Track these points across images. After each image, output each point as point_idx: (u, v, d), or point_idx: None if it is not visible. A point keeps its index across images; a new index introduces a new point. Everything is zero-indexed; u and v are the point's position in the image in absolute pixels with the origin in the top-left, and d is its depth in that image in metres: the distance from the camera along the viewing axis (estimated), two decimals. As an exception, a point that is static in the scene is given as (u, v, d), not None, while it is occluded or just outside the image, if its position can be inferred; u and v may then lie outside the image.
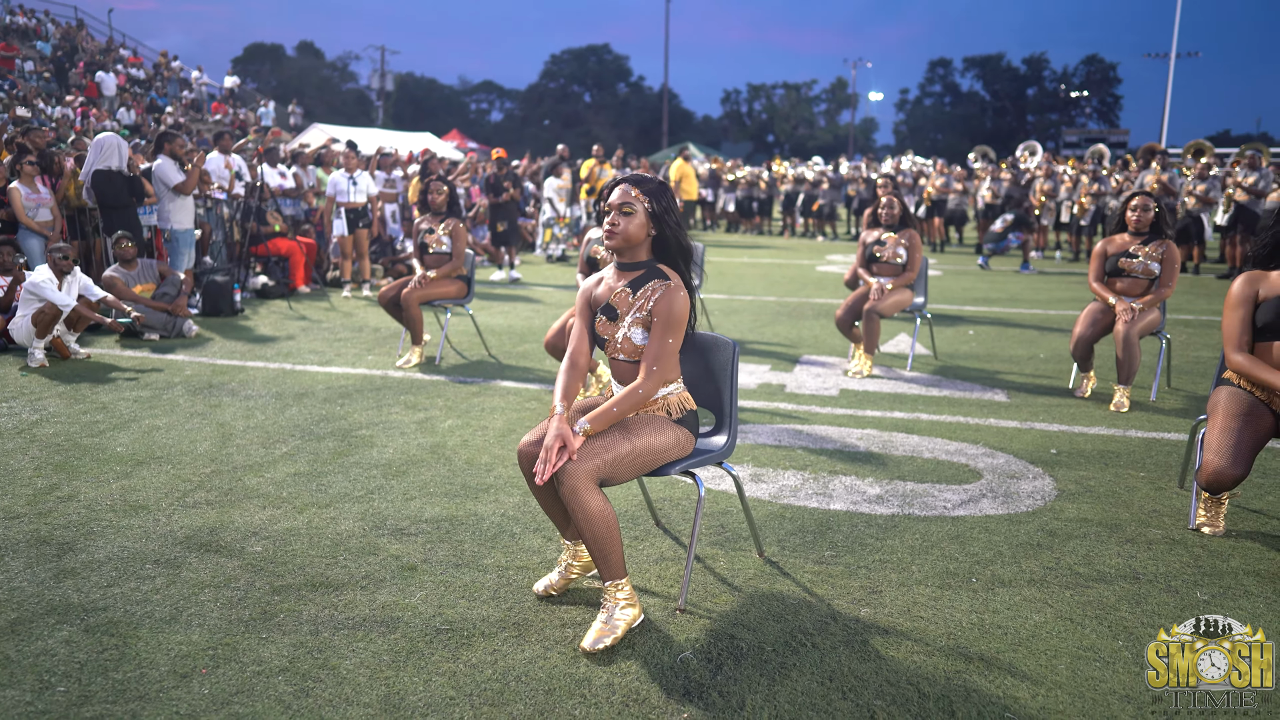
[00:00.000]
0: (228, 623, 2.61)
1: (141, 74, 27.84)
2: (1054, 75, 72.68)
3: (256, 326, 7.71)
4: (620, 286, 2.74)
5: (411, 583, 2.90)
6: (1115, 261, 5.29)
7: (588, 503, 2.50)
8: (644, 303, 2.69)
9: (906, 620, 2.72)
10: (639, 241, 2.70)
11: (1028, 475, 4.04)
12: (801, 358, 6.64)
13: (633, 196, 2.66)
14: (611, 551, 2.57)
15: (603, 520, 2.53)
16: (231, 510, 3.50)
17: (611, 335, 2.74)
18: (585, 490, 2.51)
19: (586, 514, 2.51)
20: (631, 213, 2.66)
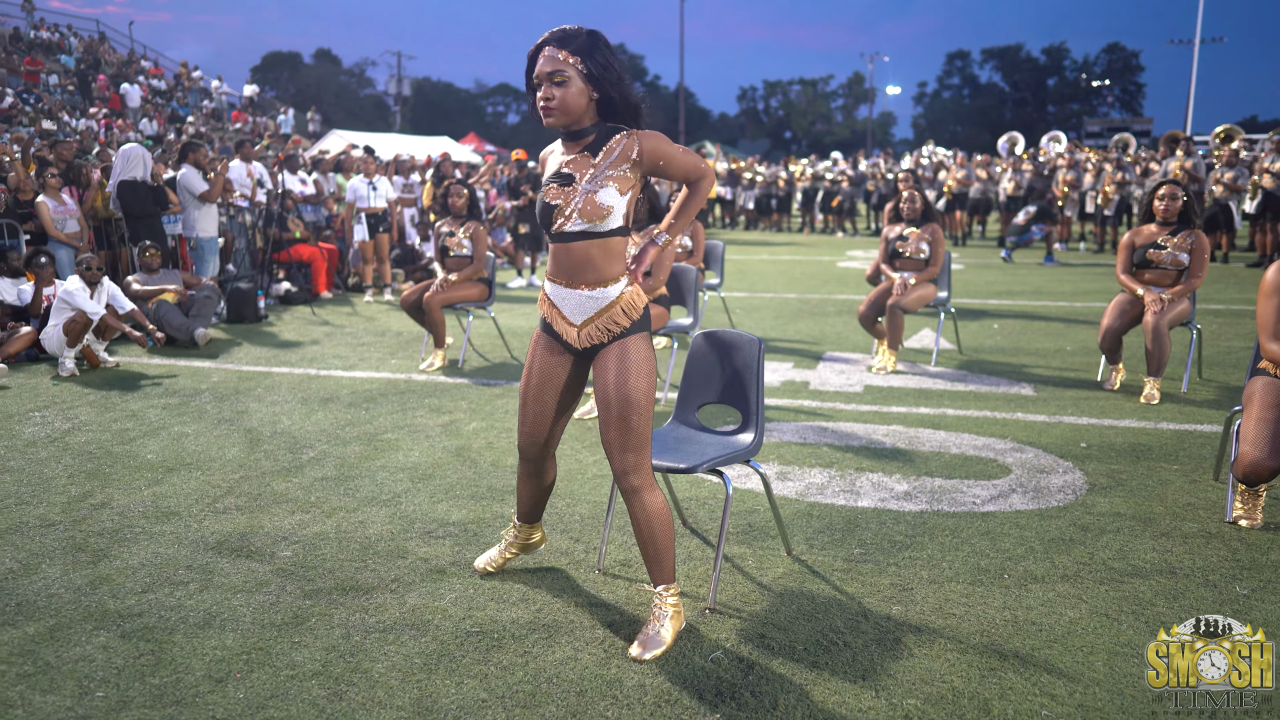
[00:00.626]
0: (260, 627, 2.63)
1: (163, 85, 28.19)
2: (1074, 65, 71.81)
3: (280, 332, 7.78)
4: (574, 155, 2.47)
5: (441, 585, 2.91)
6: (1143, 253, 5.21)
7: (650, 502, 2.51)
8: (611, 159, 2.43)
9: (939, 618, 2.69)
10: (581, 110, 2.40)
11: (1058, 470, 3.99)
12: (825, 354, 6.60)
13: (562, 60, 2.35)
14: (667, 553, 2.56)
15: (663, 519, 2.53)
16: (261, 515, 3.53)
17: (565, 201, 2.43)
18: (650, 489, 2.52)
19: (649, 514, 2.51)
20: (565, 80, 2.36)
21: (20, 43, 26.70)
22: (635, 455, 2.49)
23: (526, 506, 2.92)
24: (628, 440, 2.47)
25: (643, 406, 2.49)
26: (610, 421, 2.48)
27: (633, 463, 2.49)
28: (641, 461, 2.50)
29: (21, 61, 24.58)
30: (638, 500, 2.51)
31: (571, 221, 2.44)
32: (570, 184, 2.44)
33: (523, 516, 2.95)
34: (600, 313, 2.50)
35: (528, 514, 2.94)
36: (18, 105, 20.52)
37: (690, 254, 7.00)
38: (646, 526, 2.52)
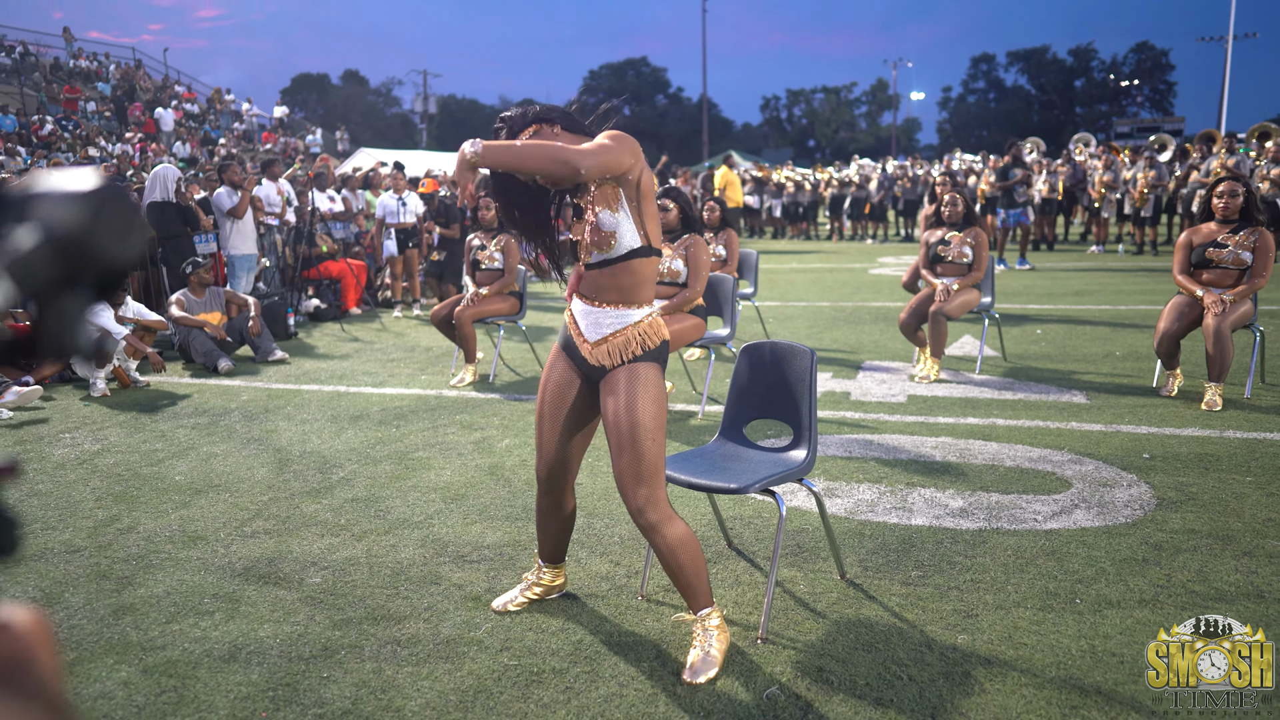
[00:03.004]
0: (288, 660, 2.51)
1: (196, 108, 28.65)
2: (1102, 65, 70.81)
3: (310, 349, 7.73)
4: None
5: (476, 614, 2.77)
6: (1202, 252, 4.97)
7: (670, 533, 2.37)
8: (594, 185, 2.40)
9: (1008, 647, 2.50)
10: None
11: (1121, 482, 3.77)
12: (864, 364, 6.40)
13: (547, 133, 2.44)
14: (699, 578, 2.42)
15: (688, 547, 2.39)
16: (290, 539, 3.42)
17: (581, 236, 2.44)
18: (668, 521, 2.37)
19: (671, 547, 2.37)
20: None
21: (60, 72, 27.29)
22: (648, 489, 2.35)
23: (550, 544, 2.78)
24: (640, 469, 2.34)
25: (653, 431, 2.37)
26: (621, 448, 2.36)
27: (646, 497, 2.35)
28: (655, 494, 2.37)
29: (61, 90, 25.11)
30: (658, 537, 2.37)
31: (590, 255, 2.44)
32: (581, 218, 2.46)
33: (545, 556, 2.80)
34: (617, 333, 2.42)
35: (551, 553, 2.80)
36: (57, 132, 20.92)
37: (725, 263, 6.85)
38: (672, 559, 2.39)
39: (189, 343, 6.92)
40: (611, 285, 2.41)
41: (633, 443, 2.34)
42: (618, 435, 2.36)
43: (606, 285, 2.42)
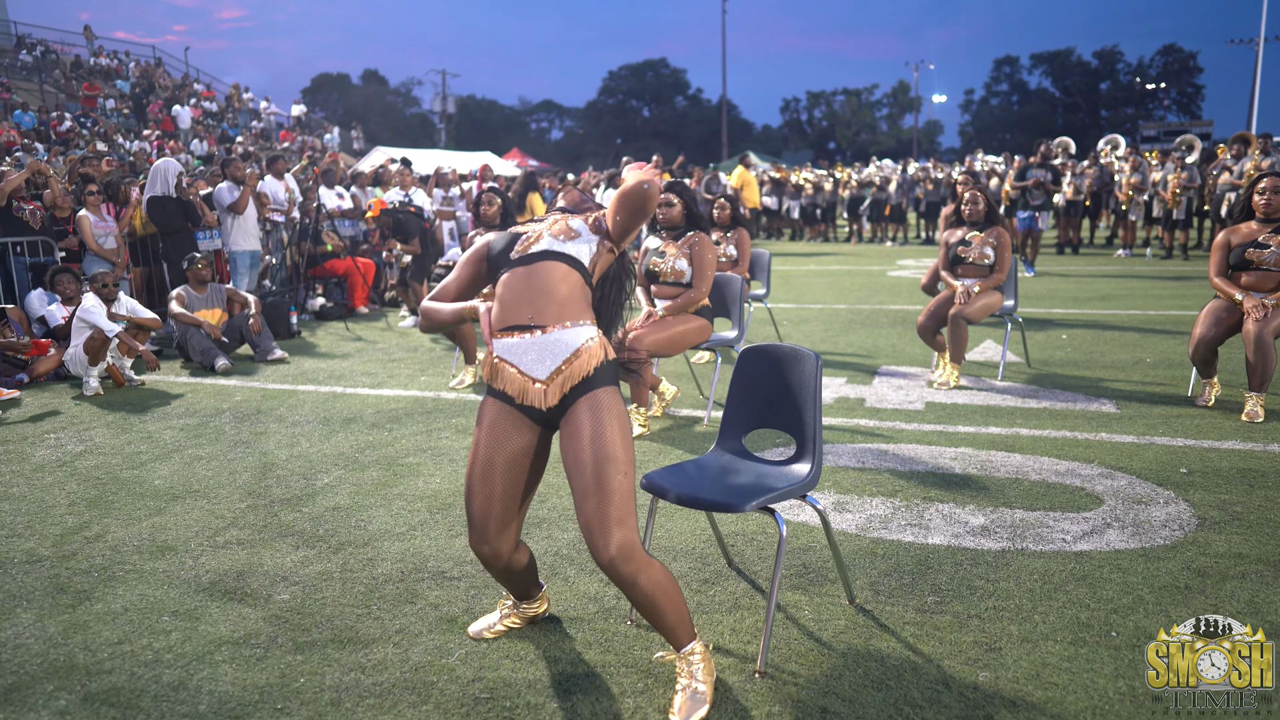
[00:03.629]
0: (241, 689, 2.29)
1: (214, 107, 28.73)
2: (1128, 68, 69.77)
3: (312, 348, 7.56)
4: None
5: (450, 639, 2.55)
6: (1241, 253, 4.67)
7: (647, 582, 2.09)
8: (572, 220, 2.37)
9: (1036, 687, 2.24)
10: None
11: (1158, 500, 3.50)
12: (880, 368, 6.14)
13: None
14: (680, 617, 2.17)
15: (667, 591, 2.13)
16: (263, 551, 3.21)
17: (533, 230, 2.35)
18: (644, 569, 2.09)
19: (648, 594, 2.10)
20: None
21: (80, 69, 27.46)
22: (621, 533, 2.05)
23: (517, 590, 2.51)
24: (608, 510, 2.05)
25: (624, 464, 2.12)
26: (586, 492, 2.08)
27: (619, 544, 2.04)
28: (629, 539, 2.06)
29: (80, 87, 25.25)
30: (635, 589, 2.09)
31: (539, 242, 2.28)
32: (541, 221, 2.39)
33: (518, 597, 2.55)
34: (569, 360, 2.17)
35: (522, 595, 2.54)
36: (75, 129, 21.00)
37: (735, 263, 6.60)
38: (651, 608, 2.12)
39: (187, 340, 6.76)
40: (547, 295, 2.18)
41: (599, 482, 2.08)
42: (582, 477, 2.10)
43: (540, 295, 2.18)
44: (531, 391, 2.19)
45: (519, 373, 2.19)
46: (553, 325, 2.16)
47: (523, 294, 2.19)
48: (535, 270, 2.21)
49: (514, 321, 2.18)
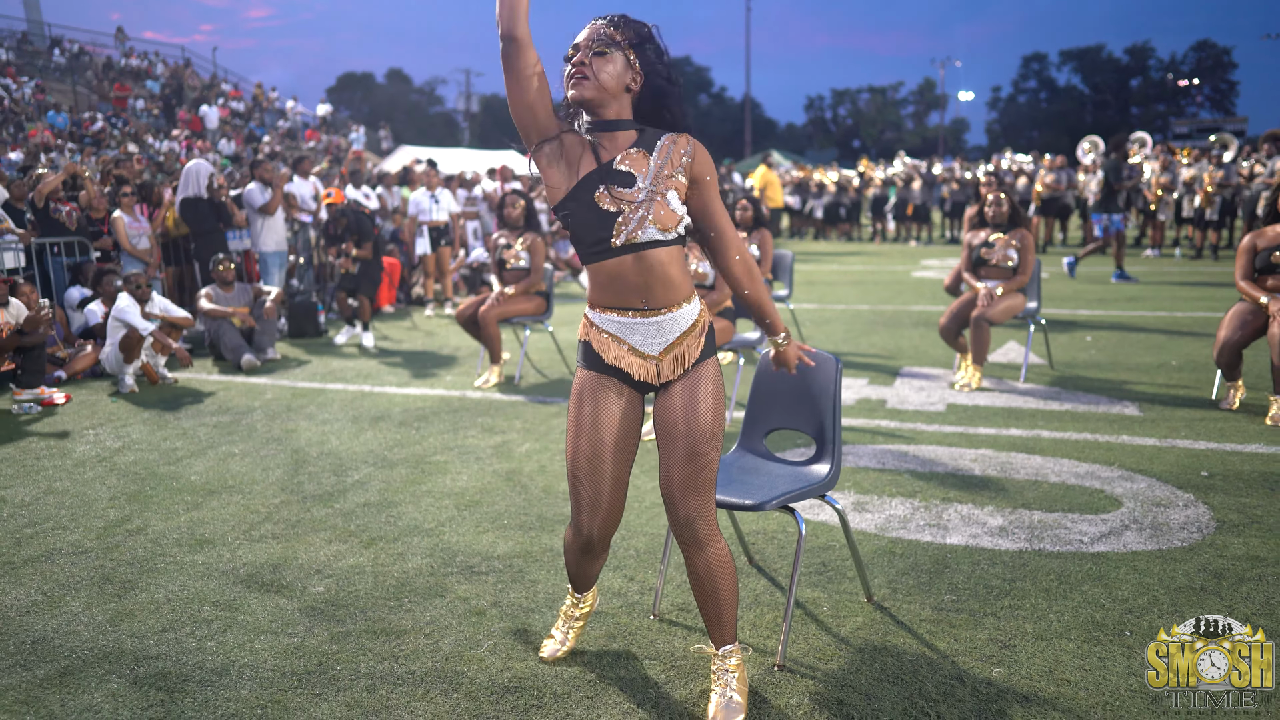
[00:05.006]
0: (280, 675, 2.40)
1: (241, 106, 29.15)
2: (1160, 64, 68.76)
3: (339, 348, 7.70)
4: (623, 150, 2.08)
5: (479, 630, 2.64)
6: (1267, 256, 4.66)
7: (714, 553, 2.15)
8: (673, 159, 2.09)
9: (1049, 684, 2.29)
10: (616, 92, 2.07)
11: (1177, 503, 3.52)
12: (902, 370, 6.17)
13: (608, 36, 2.04)
14: (731, 609, 2.21)
15: (728, 572, 2.18)
16: (297, 544, 3.32)
17: (629, 207, 2.04)
18: (714, 539, 2.15)
19: (712, 568, 2.14)
20: (605, 53, 2.03)
21: (111, 71, 27.96)
22: (701, 499, 2.11)
23: (590, 581, 2.47)
24: (697, 479, 2.09)
25: (714, 435, 2.13)
26: (675, 458, 2.11)
27: (698, 508, 2.10)
28: (707, 506, 2.13)
29: (111, 88, 25.71)
30: (701, 555, 2.14)
31: (644, 229, 2.04)
32: (631, 185, 2.05)
33: (581, 587, 2.49)
34: (681, 337, 2.14)
35: (588, 584, 2.49)
36: (106, 129, 21.41)
37: (758, 264, 6.65)
38: (709, 582, 2.16)
39: (219, 338, 6.93)
40: (660, 281, 2.07)
41: (691, 453, 2.09)
42: (672, 444, 2.12)
43: (653, 282, 2.07)
44: (645, 367, 2.15)
45: (630, 350, 2.15)
46: (666, 308, 2.12)
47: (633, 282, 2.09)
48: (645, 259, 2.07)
49: (626, 305, 2.12)
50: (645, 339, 2.13)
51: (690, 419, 2.12)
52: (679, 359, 2.15)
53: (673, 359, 2.14)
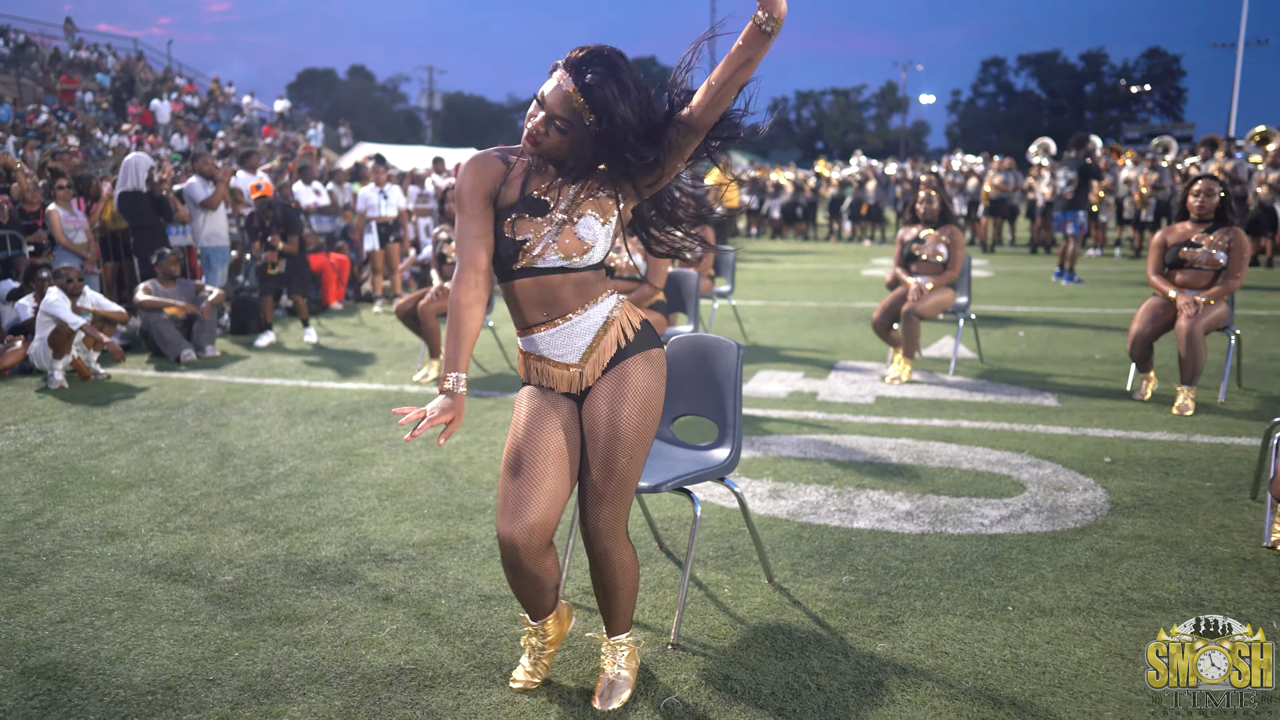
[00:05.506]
0: (175, 662, 2.41)
1: (196, 101, 28.65)
2: (1113, 70, 70.38)
3: (282, 344, 7.64)
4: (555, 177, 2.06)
5: (384, 616, 2.67)
6: (1176, 252, 4.84)
7: (619, 559, 2.15)
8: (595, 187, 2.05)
9: (929, 656, 2.38)
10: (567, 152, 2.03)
11: (1077, 487, 3.65)
12: (837, 364, 6.28)
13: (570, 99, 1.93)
14: (628, 605, 2.23)
15: (630, 574, 2.18)
16: (211, 535, 3.32)
17: (534, 235, 2.03)
18: (621, 549, 2.14)
19: (614, 569, 2.15)
20: (565, 128, 1.97)
21: (59, 63, 27.32)
22: (613, 509, 2.07)
23: (535, 605, 2.22)
24: (608, 488, 2.06)
25: (633, 446, 2.06)
26: (591, 464, 2.08)
27: (608, 519, 2.07)
28: (617, 517, 2.09)
29: (58, 80, 25.13)
30: (605, 559, 2.13)
31: (546, 256, 2.03)
32: (544, 213, 2.04)
33: (535, 614, 2.25)
34: (598, 338, 2.09)
35: (539, 609, 2.23)
36: (52, 122, 20.93)
37: (697, 260, 6.73)
38: (610, 582, 2.17)
39: (155, 333, 6.84)
40: (557, 296, 2.06)
41: (607, 458, 2.06)
42: (593, 445, 2.08)
43: (561, 295, 2.06)
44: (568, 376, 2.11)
45: (553, 364, 2.11)
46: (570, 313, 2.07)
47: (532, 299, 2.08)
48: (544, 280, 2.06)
49: (531, 321, 2.10)
50: (560, 349, 2.09)
51: (609, 427, 2.06)
52: (598, 360, 2.10)
53: (593, 362, 2.09)
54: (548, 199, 2.04)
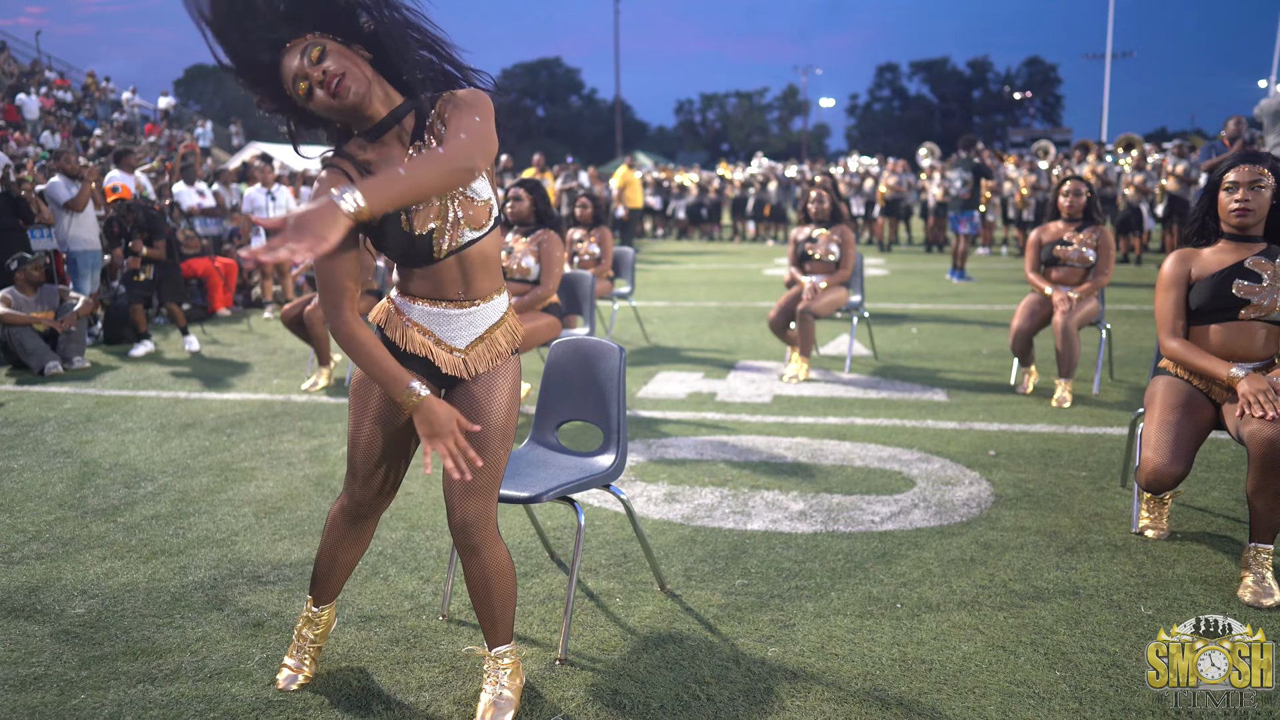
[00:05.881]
0: (9, 711, 2.18)
1: (69, 96, 26.88)
2: (998, 77, 73.99)
3: (161, 353, 7.19)
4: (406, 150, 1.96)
5: (253, 644, 2.50)
6: (1050, 250, 5.05)
7: (491, 558, 2.06)
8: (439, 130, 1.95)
9: (819, 659, 2.38)
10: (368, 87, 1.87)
11: (964, 480, 3.75)
12: (737, 364, 6.32)
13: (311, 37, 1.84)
14: (507, 613, 2.14)
15: (506, 578, 2.10)
16: (64, 564, 3.06)
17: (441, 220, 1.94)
18: (492, 543, 2.06)
19: (489, 574, 2.06)
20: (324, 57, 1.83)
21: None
22: (481, 502, 2.02)
23: (340, 582, 2.30)
24: (478, 480, 2.00)
25: (501, 436, 2.04)
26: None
27: (477, 513, 2.01)
28: (487, 510, 2.03)
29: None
30: (476, 560, 2.05)
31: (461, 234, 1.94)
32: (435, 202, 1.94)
33: (328, 596, 2.30)
34: (490, 330, 2.07)
35: (335, 591, 2.31)
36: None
37: (598, 262, 6.67)
38: (484, 587, 2.08)
39: (16, 343, 6.33)
40: (480, 270, 2.00)
41: (479, 448, 2.00)
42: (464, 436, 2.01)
43: (474, 273, 1.99)
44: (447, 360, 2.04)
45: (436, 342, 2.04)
46: (482, 299, 2.04)
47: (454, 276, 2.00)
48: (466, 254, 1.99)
49: (444, 296, 2.02)
50: (454, 331, 2.03)
51: (486, 417, 2.03)
52: (487, 352, 2.06)
53: (480, 352, 2.06)
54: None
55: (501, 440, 2.05)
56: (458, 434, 1.91)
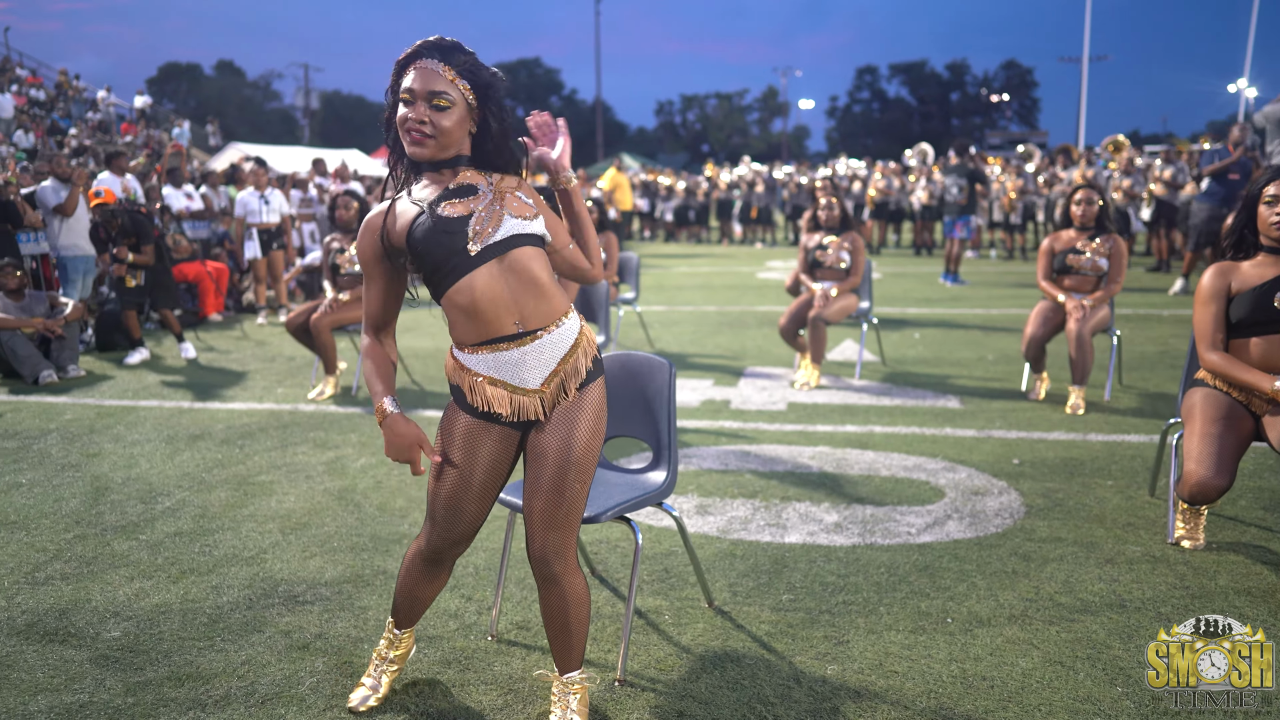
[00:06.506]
0: (60, 740, 2.12)
1: (42, 95, 26.39)
2: (975, 80, 74.73)
3: (158, 360, 7.07)
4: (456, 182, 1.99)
5: (301, 668, 2.44)
6: (1063, 258, 5.08)
7: (570, 588, 2.05)
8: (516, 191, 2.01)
9: (879, 677, 2.36)
10: (458, 143, 1.96)
11: (992, 490, 3.76)
12: (746, 370, 6.31)
13: (446, 80, 1.91)
14: (580, 640, 2.12)
15: (582, 606, 2.08)
16: (91, 585, 2.98)
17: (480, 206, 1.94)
18: (571, 574, 2.04)
19: (567, 602, 2.05)
20: (449, 106, 1.91)
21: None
22: (563, 534, 1.99)
23: (419, 611, 2.29)
24: (558, 513, 1.97)
25: (585, 469, 2.00)
26: (540, 487, 1.98)
27: (557, 544, 1.99)
28: (567, 542, 2.01)
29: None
30: (555, 590, 2.03)
31: (500, 223, 1.93)
32: (474, 192, 1.96)
33: (407, 622, 2.29)
34: (564, 360, 1.99)
35: (414, 618, 2.30)
36: None
37: (604, 267, 6.63)
38: (561, 616, 2.06)
39: (9, 351, 6.19)
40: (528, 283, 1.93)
41: (559, 481, 1.97)
42: (541, 466, 1.99)
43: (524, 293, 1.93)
44: (526, 404, 1.99)
45: (508, 390, 1.97)
46: (544, 328, 1.97)
47: (501, 297, 1.92)
48: (510, 263, 1.93)
49: (498, 333, 1.95)
50: (524, 372, 1.96)
51: (563, 449, 1.98)
52: (565, 385, 2.00)
53: (557, 386, 1.99)
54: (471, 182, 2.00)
55: (580, 475, 2.00)
56: (417, 460, 1.95)
